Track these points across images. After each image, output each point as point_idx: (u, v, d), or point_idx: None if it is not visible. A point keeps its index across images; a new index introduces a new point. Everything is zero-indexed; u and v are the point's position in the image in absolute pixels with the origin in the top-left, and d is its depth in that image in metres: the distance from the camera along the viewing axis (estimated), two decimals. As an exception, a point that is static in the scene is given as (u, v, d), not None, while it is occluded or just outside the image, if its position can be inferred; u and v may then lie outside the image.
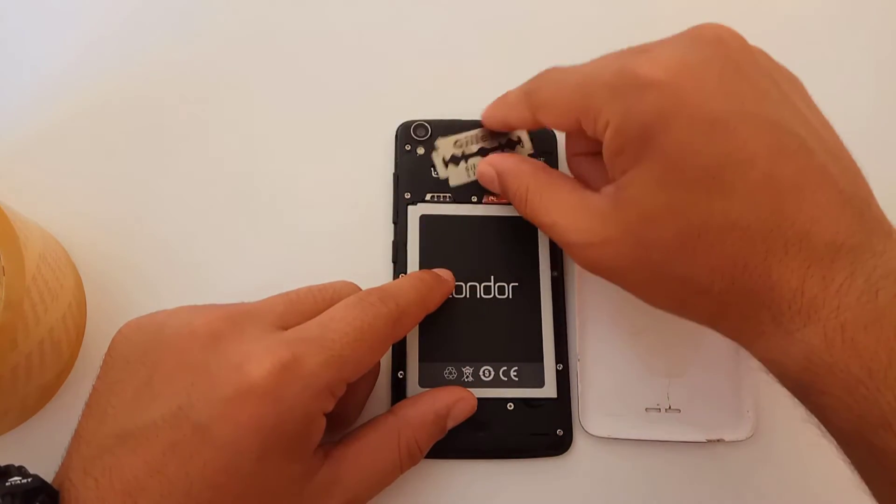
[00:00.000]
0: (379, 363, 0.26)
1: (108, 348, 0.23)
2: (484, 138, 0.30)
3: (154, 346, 0.21)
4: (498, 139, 0.30)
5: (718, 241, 0.21)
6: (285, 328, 0.22)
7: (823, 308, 0.19)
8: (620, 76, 0.22)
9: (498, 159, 0.28)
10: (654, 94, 0.21)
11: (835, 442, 0.20)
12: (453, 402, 0.26)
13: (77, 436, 0.21)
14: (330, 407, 0.22)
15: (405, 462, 0.25)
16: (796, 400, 0.29)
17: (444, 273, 0.28)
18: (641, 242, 0.22)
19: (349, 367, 0.22)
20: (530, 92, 0.26)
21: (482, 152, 0.30)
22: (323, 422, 0.22)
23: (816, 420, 0.21)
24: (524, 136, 0.30)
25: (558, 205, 0.25)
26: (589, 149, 0.27)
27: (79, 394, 0.27)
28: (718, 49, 0.22)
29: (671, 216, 0.21)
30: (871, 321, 0.19)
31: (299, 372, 0.20)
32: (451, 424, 0.26)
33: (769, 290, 0.20)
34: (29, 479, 0.19)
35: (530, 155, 0.30)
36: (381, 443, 0.24)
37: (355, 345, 0.22)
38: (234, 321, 0.22)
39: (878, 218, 0.21)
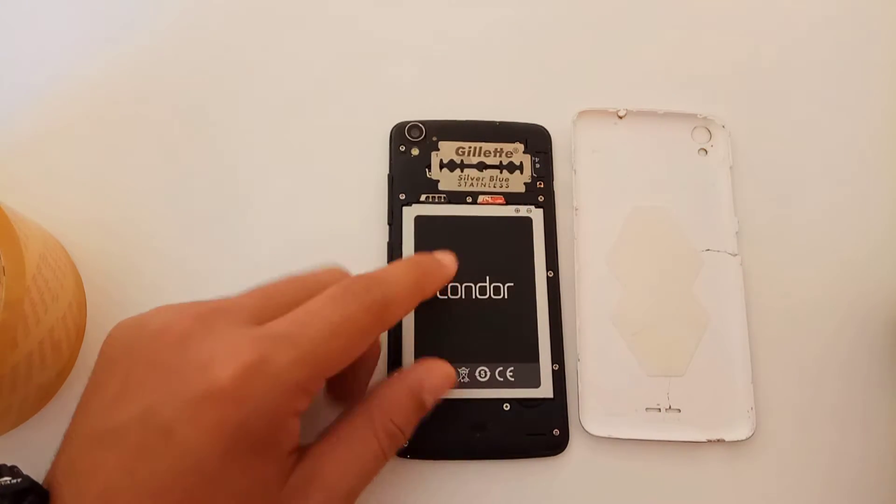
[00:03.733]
0: (378, 341, 0.26)
1: (100, 349, 0.23)
2: (486, 153, 0.30)
3: (133, 347, 0.21)
4: (499, 157, 0.30)
5: None
6: (260, 323, 0.21)
7: None
8: None
9: None
10: None
11: None
12: (426, 375, 0.25)
13: (66, 435, 0.21)
14: (304, 406, 0.21)
15: (386, 446, 0.23)
16: (796, 400, 0.29)
17: (445, 257, 0.27)
18: None
19: (323, 364, 0.21)
20: None
21: (480, 166, 0.30)
22: (296, 422, 0.21)
23: None
24: (526, 160, 0.30)
25: None
26: None
27: (79, 394, 0.27)
28: None
29: None
30: None
31: (266, 371, 0.20)
32: (429, 398, 0.24)
33: None
34: (19, 480, 0.19)
35: (528, 181, 0.30)
36: (355, 432, 0.23)
37: (331, 340, 0.21)
38: (205, 319, 0.21)
39: None
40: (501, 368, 0.28)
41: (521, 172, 0.31)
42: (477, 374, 0.28)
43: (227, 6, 0.33)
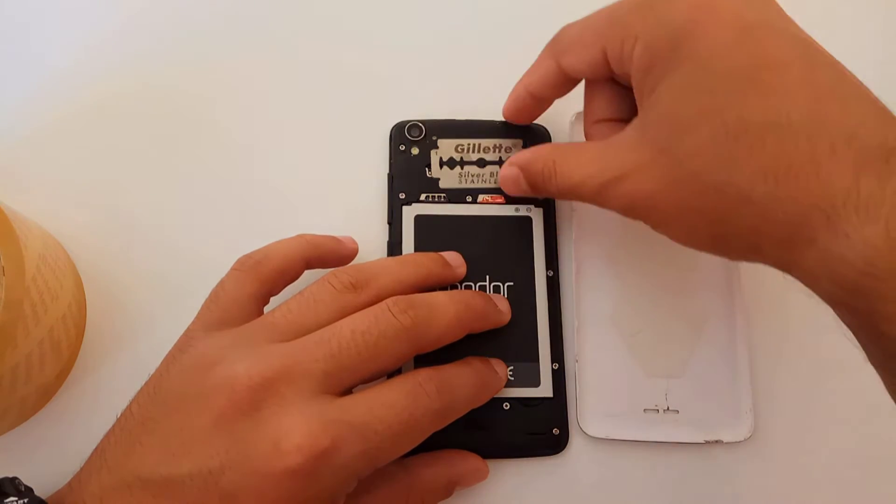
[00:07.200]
0: None
1: (162, 370, 0.23)
2: (485, 150, 0.30)
3: (195, 394, 0.21)
4: (499, 153, 0.30)
5: (758, 140, 0.19)
6: (329, 391, 0.22)
7: (883, 206, 0.18)
8: None
9: (516, 156, 0.27)
10: (685, 2, 0.22)
11: (881, 357, 0.19)
12: (468, 472, 0.26)
13: (100, 453, 0.21)
14: (353, 488, 0.22)
15: None
16: (795, 400, 0.29)
17: (501, 369, 0.27)
18: (676, 158, 0.21)
19: (383, 460, 0.22)
20: (553, 42, 0.27)
21: (480, 163, 0.30)
22: (343, 500, 0.22)
23: (862, 335, 0.20)
24: None
25: (587, 158, 0.24)
26: (609, 112, 0.27)
27: (79, 394, 0.27)
28: None
29: (705, 120, 0.20)
30: None
31: (335, 460, 0.20)
32: (458, 490, 0.26)
33: (819, 188, 0.18)
34: (25, 501, 0.19)
35: None
36: (390, 500, 0.24)
37: (396, 438, 0.22)
38: (274, 387, 0.21)
39: None
40: (501, 368, 0.28)
41: (521, 172, 0.31)
42: (477, 373, 0.28)
43: (228, 6, 0.33)
